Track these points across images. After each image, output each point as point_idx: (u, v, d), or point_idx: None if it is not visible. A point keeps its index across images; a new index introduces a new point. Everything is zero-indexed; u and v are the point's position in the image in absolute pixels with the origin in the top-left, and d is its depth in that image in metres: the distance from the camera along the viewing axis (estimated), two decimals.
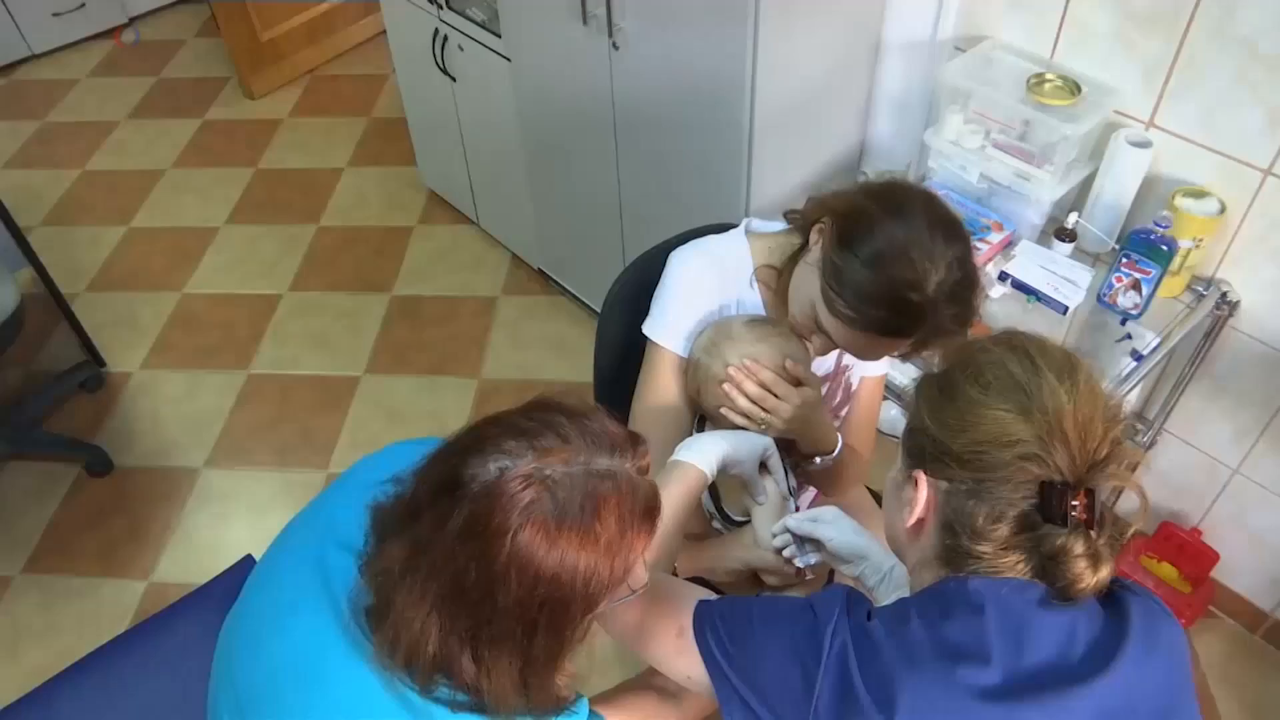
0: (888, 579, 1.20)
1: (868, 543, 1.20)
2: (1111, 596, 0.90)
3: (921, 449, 0.91)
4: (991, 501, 0.85)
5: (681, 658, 1.00)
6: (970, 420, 0.86)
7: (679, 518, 1.17)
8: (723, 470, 1.26)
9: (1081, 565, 0.84)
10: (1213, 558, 2.07)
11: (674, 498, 1.15)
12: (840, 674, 0.86)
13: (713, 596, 1.04)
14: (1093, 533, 0.84)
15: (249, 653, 0.98)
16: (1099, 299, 1.72)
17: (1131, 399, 1.92)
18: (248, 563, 1.58)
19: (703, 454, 1.20)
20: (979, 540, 0.86)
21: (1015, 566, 0.86)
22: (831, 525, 1.22)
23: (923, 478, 0.91)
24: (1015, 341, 0.91)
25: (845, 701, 0.84)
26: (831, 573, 1.39)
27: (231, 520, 2.42)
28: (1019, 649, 0.83)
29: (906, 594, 1.19)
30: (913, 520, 0.92)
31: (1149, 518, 0.79)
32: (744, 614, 0.97)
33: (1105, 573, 0.86)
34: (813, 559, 1.24)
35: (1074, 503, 0.82)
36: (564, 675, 0.91)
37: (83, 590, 2.28)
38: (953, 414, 0.88)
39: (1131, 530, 0.91)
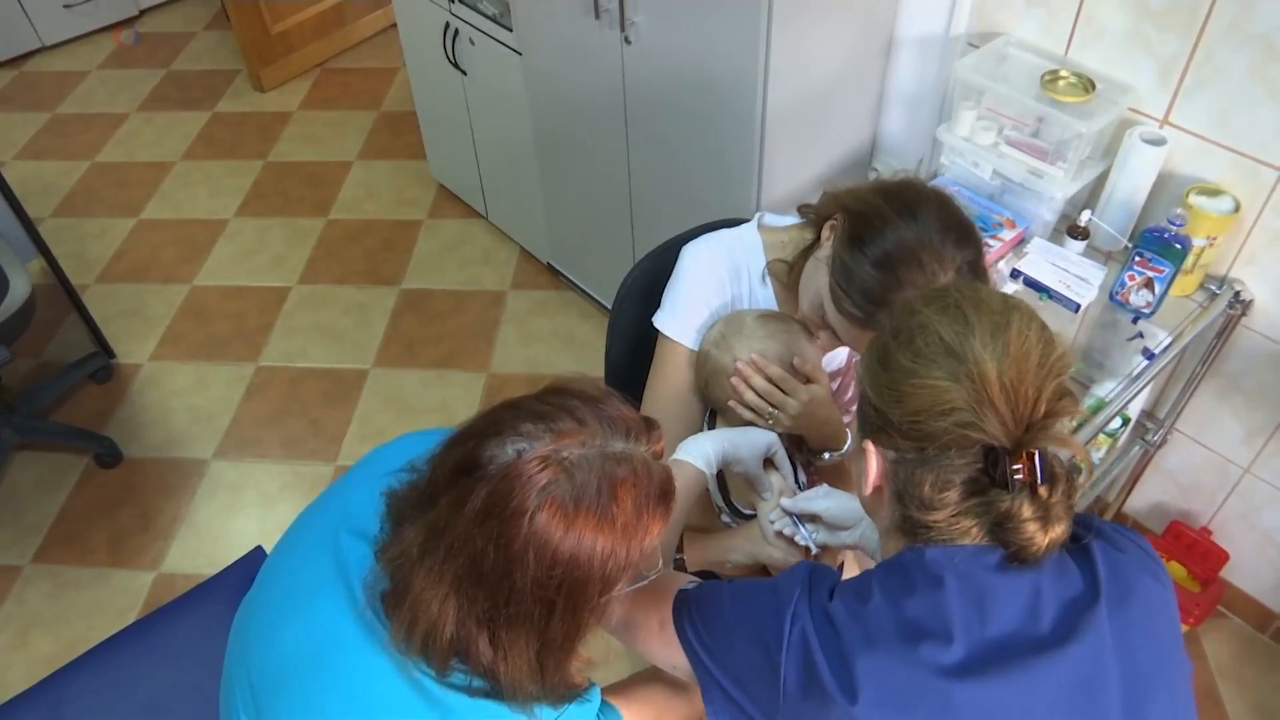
0: None
1: (859, 507, 1.20)
2: (1083, 548, 0.88)
3: (869, 420, 0.90)
4: (937, 469, 0.84)
5: (666, 649, 1.00)
6: (904, 391, 0.85)
7: (674, 516, 1.17)
8: (728, 466, 1.27)
9: (1032, 528, 0.83)
10: (1222, 557, 2.07)
11: None
12: (803, 657, 0.86)
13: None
14: (1042, 491, 0.83)
15: (263, 640, 0.99)
16: (1111, 297, 1.71)
17: (1142, 398, 1.91)
18: (258, 554, 1.58)
19: (700, 452, 1.20)
20: (928, 510, 0.85)
21: (970, 532, 0.85)
22: (824, 498, 1.23)
23: (871, 447, 0.90)
24: (949, 299, 0.88)
25: (810, 684, 0.84)
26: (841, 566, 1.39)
27: (240, 511, 2.43)
28: (982, 620, 0.83)
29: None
30: (869, 489, 0.92)
31: (1091, 476, 0.79)
32: (716, 600, 0.97)
33: (1059, 531, 0.84)
34: (815, 536, 1.25)
35: (1015, 466, 0.81)
36: (579, 660, 0.92)
37: (92, 580, 2.29)
38: (888, 384, 0.86)
39: (1082, 488, 0.88)
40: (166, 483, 2.49)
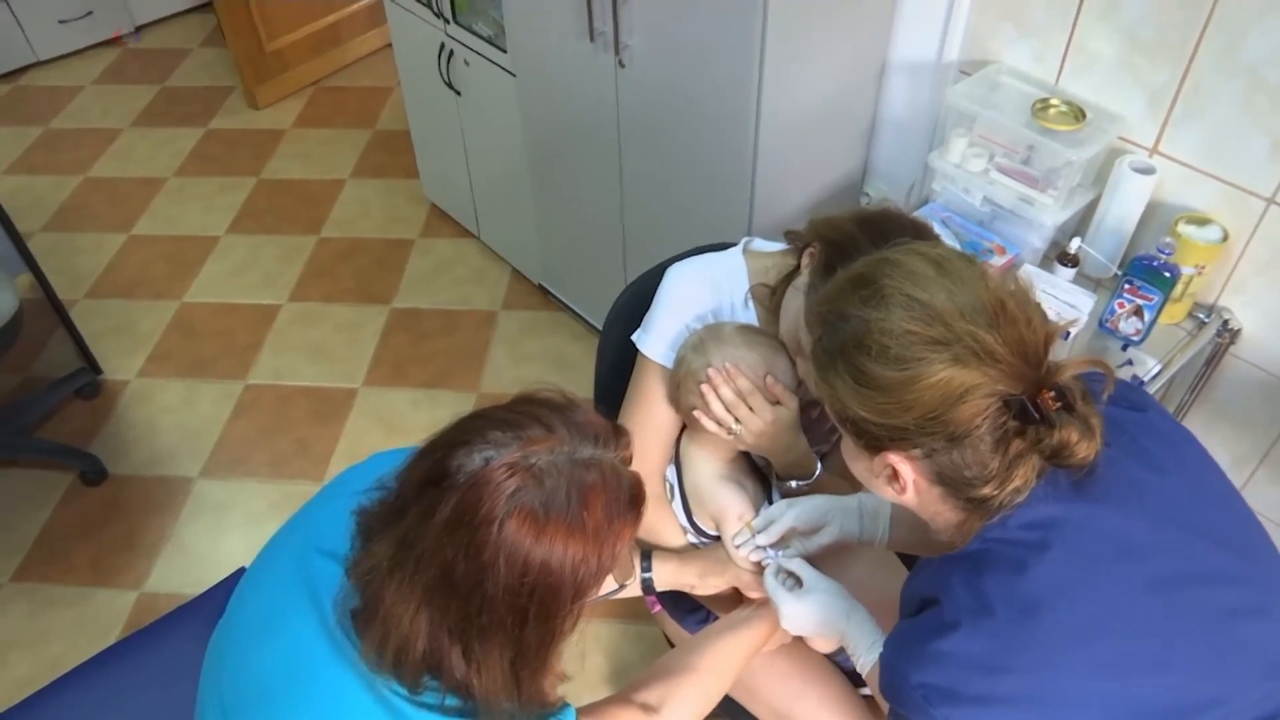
0: (862, 514, 1.22)
1: (824, 501, 1.24)
2: (1114, 425, 0.91)
3: (876, 436, 0.89)
4: (973, 445, 0.84)
5: None
6: (908, 400, 0.84)
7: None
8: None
9: (1084, 447, 0.84)
10: None
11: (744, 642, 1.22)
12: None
13: None
14: (1076, 407, 0.84)
15: (235, 663, 0.98)
16: (1101, 324, 1.72)
17: None
18: (240, 576, 1.57)
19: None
20: (982, 485, 0.86)
21: (1028, 476, 0.85)
22: (788, 509, 1.24)
23: (894, 458, 0.89)
24: (879, 288, 0.87)
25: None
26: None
27: (226, 531, 2.41)
28: (1103, 562, 0.86)
29: (886, 511, 1.22)
30: (906, 494, 0.92)
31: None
32: None
33: (1098, 426, 0.86)
34: (790, 550, 1.25)
35: (1044, 403, 0.83)
36: (554, 675, 0.91)
37: (74, 599, 2.26)
38: (884, 400, 0.85)
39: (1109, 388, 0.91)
40: (152, 501, 2.47)
